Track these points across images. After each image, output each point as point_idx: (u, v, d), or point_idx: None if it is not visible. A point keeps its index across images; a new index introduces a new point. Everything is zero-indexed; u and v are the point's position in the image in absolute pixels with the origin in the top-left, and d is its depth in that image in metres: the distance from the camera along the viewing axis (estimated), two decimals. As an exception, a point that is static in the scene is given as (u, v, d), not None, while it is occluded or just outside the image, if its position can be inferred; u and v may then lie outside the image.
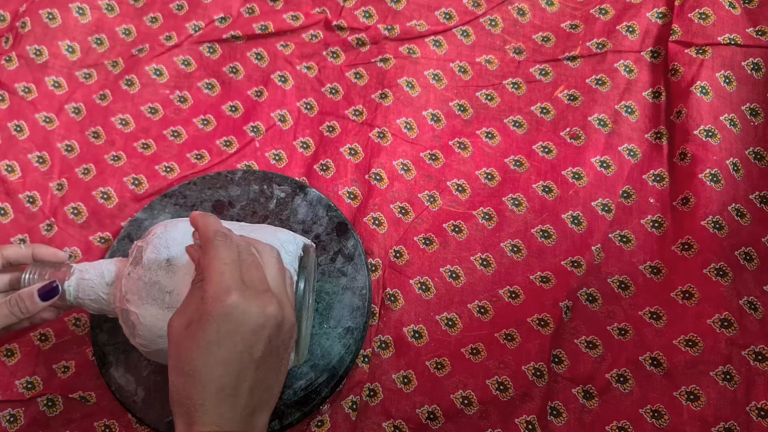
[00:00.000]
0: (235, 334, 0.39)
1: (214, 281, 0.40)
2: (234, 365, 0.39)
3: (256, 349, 0.40)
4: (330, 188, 0.65)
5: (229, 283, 0.40)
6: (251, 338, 0.40)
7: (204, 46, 0.72)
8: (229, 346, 0.39)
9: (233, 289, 0.40)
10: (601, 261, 0.62)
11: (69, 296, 0.52)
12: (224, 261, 0.41)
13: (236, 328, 0.39)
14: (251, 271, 0.42)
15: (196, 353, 0.39)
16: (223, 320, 0.39)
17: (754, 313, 0.57)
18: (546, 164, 0.65)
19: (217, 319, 0.39)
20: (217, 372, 0.39)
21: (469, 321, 0.60)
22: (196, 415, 0.39)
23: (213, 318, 0.39)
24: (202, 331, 0.39)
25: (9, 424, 0.59)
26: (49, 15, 0.72)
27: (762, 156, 0.63)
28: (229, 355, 0.39)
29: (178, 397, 0.40)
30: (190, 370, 0.39)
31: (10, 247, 0.54)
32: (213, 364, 0.39)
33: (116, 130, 0.70)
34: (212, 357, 0.39)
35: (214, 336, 0.39)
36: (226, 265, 0.41)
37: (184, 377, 0.40)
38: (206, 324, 0.39)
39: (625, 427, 0.56)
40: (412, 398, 0.58)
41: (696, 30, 0.66)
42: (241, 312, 0.39)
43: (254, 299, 0.40)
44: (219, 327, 0.39)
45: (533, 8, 0.72)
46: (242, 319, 0.39)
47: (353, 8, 0.72)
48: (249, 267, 0.42)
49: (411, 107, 0.69)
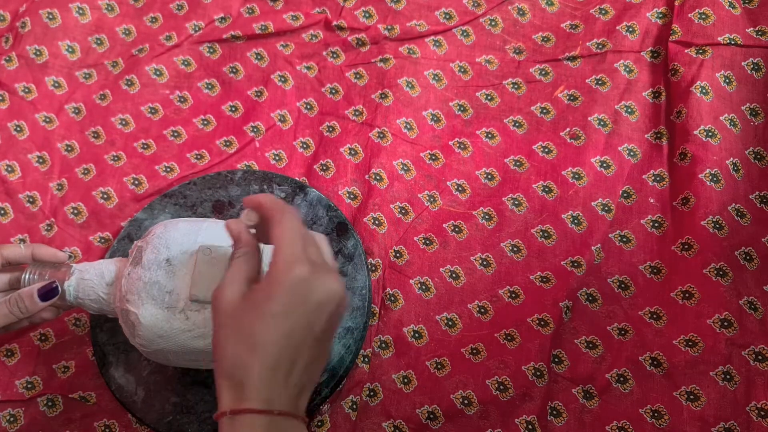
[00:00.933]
0: (302, 307, 0.39)
1: (286, 251, 0.40)
2: (296, 339, 0.39)
3: (318, 325, 0.40)
4: (330, 188, 0.65)
5: (300, 255, 0.40)
6: (315, 313, 0.40)
7: (204, 46, 0.72)
8: (294, 318, 0.39)
9: (304, 261, 0.40)
10: (601, 261, 0.62)
11: (69, 296, 0.52)
12: (296, 233, 0.41)
13: (303, 300, 0.39)
14: (312, 249, 0.42)
15: (258, 322, 0.39)
16: (292, 291, 0.39)
17: (754, 313, 0.57)
18: (546, 164, 0.65)
19: (287, 288, 0.39)
20: (279, 343, 0.39)
21: (469, 321, 0.60)
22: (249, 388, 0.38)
23: (282, 287, 0.39)
24: (270, 301, 0.39)
25: (9, 424, 0.59)
26: (49, 15, 0.72)
27: (762, 156, 0.63)
28: (293, 328, 0.39)
29: (232, 368, 0.39)
30: (251, 339, 0.39)
31: (10, 247, 0.54)
32: (276, 334, 0.39)
33: (116, 130, 0.70)
34: (276, 327, 0.39)
35: (282, 306, 0.39)
36: (297, 237, 0.41)
37: (244, 347, 0.39)
38: (274, 293, 0.39)
39: (625, 427, 0.56)
40: (412, 398, 0.58)
41: (696, 30, 0.66)
42: (310, 285, 0.39)
43: (322, 274, 0.40)
44: (287, 297, 0.39)
45: (533, 8, 0.72)
46: (309, 293, 0.39)
47: (353, 8, 0.72)
48: (310, 245, 0.42)
49: (411, 107, 0.69)
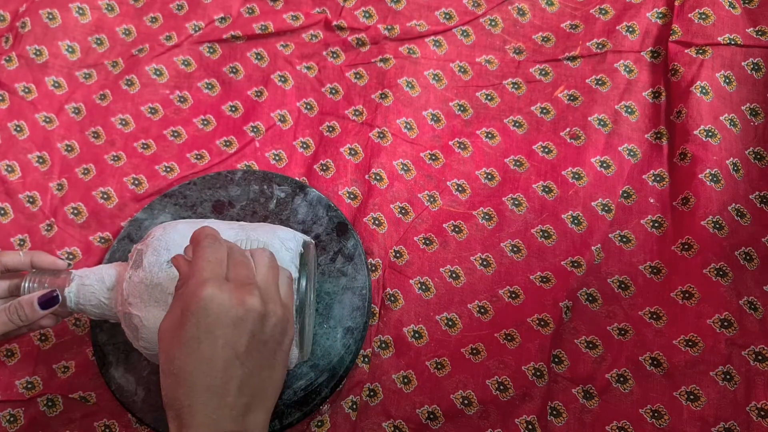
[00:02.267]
0: (215, 328, 0.39)
1: (194, 276, 0.40)
2: (218, 362, 0.39)
3: (239, 344, 0.39)
4: (330, 188, 0.65)
5: (207, 276, 0.40)
6: (232, 332, 0.39)
7: (204, 46, 0.72)
8: (210, 342, 0.39)
9: (209, 281, 0.39)
10: (601, 261, 0.62)
11: (70, 303, 0.52)
12: (208, 259, 0.41)
13: (215, 321, 0.39)
14: (238, 269, 0.42)
15: (179, 352, 0.39)
16: (201, 314, 0.39)
17: (754, 313, 0.57)
18: (546, 164, 0.65)
19: (195, 313, 0.39)
20: (201, 370, 0.39)
21: (469, 321, 0.60)
22: (186, 416, 0.38)
23: (191, 312, 0.39)
24: (183, 328, 0.39)
25: (9, 424, 0.59)
26: (49, 15, 0.72)
27: (762, 156, 0.63)
28: (211, 351, 0.39)
29: (168, 399, 0.39)
30: (176, 369, 0.39)
31: (9, 254, 0.54)
32: (196, 361, 0.39)
33: (116, 130, 0.70)
34: (195, 354, 0.39)
35: (194, 332, 0.39)
36: (209, 262, 0.41)
37: (171, 378, 0.39)
38: (186, 320, 0.39)
39: (625, 427, 0.56)
40: (412, 398, 0.58)
41: (696, 30, 0.66)
42: (218, 304, 0.39)
43: (232, 291, 0.40)
44: (198, 321, 0.39)
45: (533, 8, 0.72)
46: (219, 312, 0.39)
47: (353, 8, 0.72)
48: (237, 265, 0.42)
49: (411, 107, 0.69)
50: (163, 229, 0.52)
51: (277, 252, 0.51)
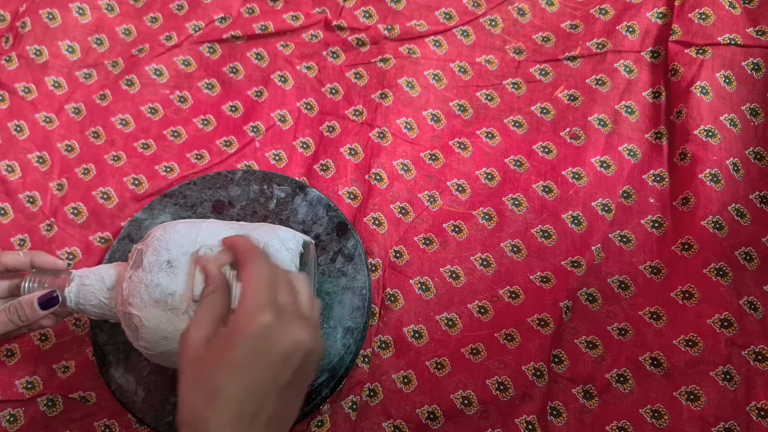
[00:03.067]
0: (265, 358, 0.37)
1: (251, 298, 0.38)
2: (258, 392, 0.37)
3: (282, 377, 0.38)
4: (330, 188, 0.65)
5: (266, 302, 0.38)
6: (280, 364, 0.38)
7: (204, 46, 0.72)
8: (257, 370, 0.37)
9: (269, 309, 0.38)
10: (601, 261, 0.62)
11: (70, 303, 0.52)
12: (264, 279, 0.39)
13: (267, 350, 0.37)
14: (285, 295, 0.40)
15: (219, 372, 0.37)
16: (254, 341, 0.37)
17: (754, 313, 0.57)
18: (546, 164, 0.65)
19: (249, 338, 0.37)
20: (239, 395, 0.37)
21: (469, 321, 0.60)
22: None
23: (244, 336, 0.37)
24: (230, 350, 0.37)
25: (9, 424, 0.59)
26: (49, 15, 0.72)
27: (762, 156, 0.63)
28: (255, 379, 0.37)
29: (191, 417, 0.37)
30: (211, 390, 0.37)
31: (9, 254, 0.53)
32: (237, 386, 0.37)
33: (116, 130, 0.70)
34: (237, 378, 0.37)
35: (243, 357, 0.37)
36: (265, 283, 0.39)
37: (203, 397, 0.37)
38: (236, 342, 0.37)
39: (625, 427, 0.56)
40: (412, 398, 0.58)
41: (696, 30, 0.66)
42: (274, 334, 0.38)
43: (288, 324, 0.38)
44: (249, 347, 0.37)
45: (533, 8, 0.72)
46: (274, 343, 0.38)
47: (353, 8, 0.72)
48: (285, 290, 0.40)
49: (411, 107, 0.69)
50: (163, 229, 0.52)
51: (277, 252, 0.50)
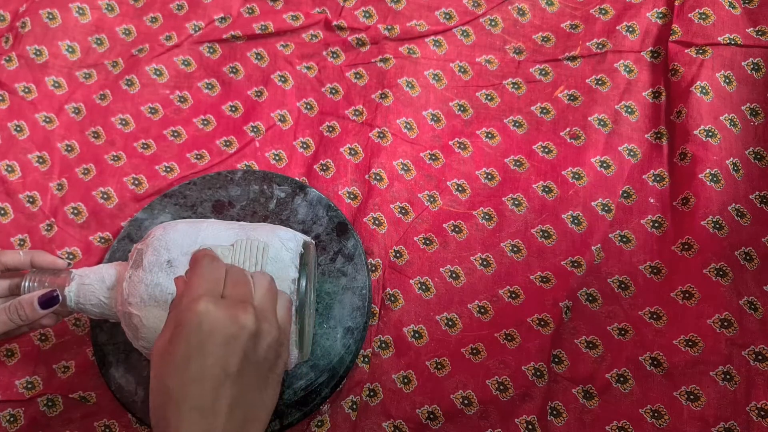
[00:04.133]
0: (206, 345, 0.38)
1: (187, 293, 0.39)
2: (207, 381, 0.37)
3: (230, 363, 0.38)
4: (330, 188, 0.65)
5: (200, 292, 0.39)
6: (223, 350, 0.38)
7: (204, 46, 0.72)
8: (200, 359, 0.37)
9: (203, 298, 0.38)
10: (601, 261, 0.62)
11: (70, 302, 0.52)
12: (204, 276, 0.40)
13: (206, 338, 0.38)
14: (236, 287, 0.41)
15: (168, 370, 0.38)
16: (193, 330, 0.38)
17: (754, 313, 0.57)
18: (546, 164, 0.65)
19: (187, 329, 0.38)
20: (190, 389, 0.37)
21: (469, 321, 0.60)
22: None
23: (183, 328, 0.38)
24: (173, 345, 0.38)
25: (9, 424, 0.59)
26: (49, 15, 0.72)
27: (762, 156, 0.63)
28: (201, 370, 0.37)
29: (156, 419, 0.38)
30: (165, 388, 0.38)
31: (9, 253, 0.53)
32: (185, 380, 0.37)
33: (116, 130, 0.70)
34: (184, 372, 0.37)
35: (185, 348, 0.38)
36: (205, 280, 0.40)
37: (160, 396, 0.38)
38: (177, 336, 0.38)
39: (625, 427, 0.56)
40: (412, 398, 0.58)
41: (696, 30, 0.66)
42: (211, 320, 0.38)
43: (225, 308, 0.39)
44: (189, 337, 0.38)
45: (533, 8, 0.72)
46: (212, 328, 0.38)
47: (353, 8, 0.72)
48: (235, 284, 0.41)
49: (411, 107, 0.69)
50: (164, 228, 0.52)
51: (277, 252, 0.51)
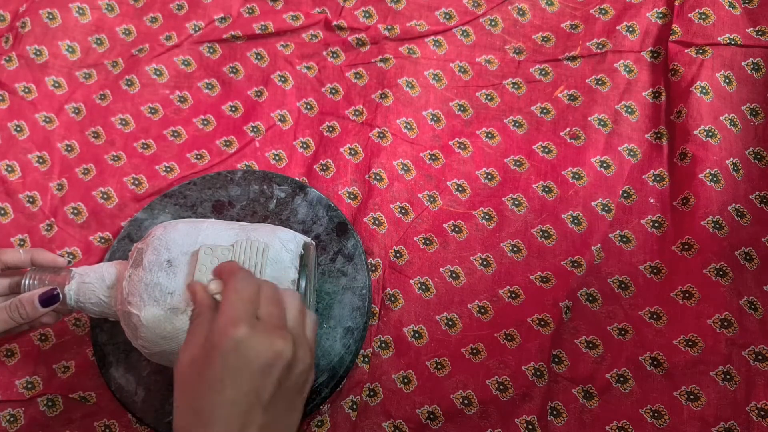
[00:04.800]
0: (242, 372, 0.37)
1: (225, 313, 0.38)
2: (240, 407, 0.37)
3: (265, 391, 0.38)
4: (330, 188, 0.65)
5: (240, 315, 0.38)
6: (259, 377, 0.37)
7: (204, 46, 0.72)
8: (235, 385, 0.37)
9: (242, 321, 0.38)
10: (601, 261, 0.62)
11: (70, 300, 0.52)
12: (240, 295, 0.40)
13: (243, 364, 0.37)
14: (269, 307, 0.40)
15: (200, 391, 0.37)
16: (229, 355, 0.37)
17: (754, 313, 0.57)
18: (546, 164, 0.65)
19: (224, 353, 0.37)
20: (222, 413, 0.37)
21: (469, 321, 0.60)
22: None
23: (219, 352, 0.37)
24: (208, 367, 0.37)
25: (9, 424, 0.59)
26: (49, 15, 0.72)
27: (762, 156, 0.63)
28: (235, 395, 0.37)
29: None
30: (195, 409, 0.37)
31: (9, 252, 0.53)
32: (218, 403, 0.37)
33: (116, 130, 0.70)
34: (218, 396, 0.37)
35: (220, 372, 0.37)
36: (241, 299, 0.39)
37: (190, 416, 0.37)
38: (212, 359, 0.37)
39: (625, 427, 0.56)
40: (412, 398, 0.58)
41: (696, 30, 0.66)
42: (249, 347, 0.37)
43: (264, 334, 0.38)
44: (226, 362, 0.37)
45: (533, 8, 0.72)
46: (249, 355, 0.37)
47: (353, 8, 0.72)
48: (268, 303, 0.40)
49: (411, 107, 0.69)
50: (164, 228, 0.52)
51: (277, 253, 0.51)
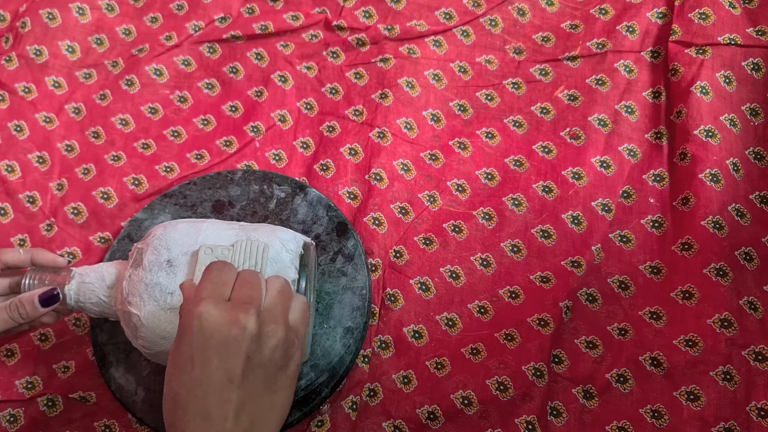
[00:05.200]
0: (207, 348, 0.37)
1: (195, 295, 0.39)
2: (211, 384, 0.37)
3: (234, 366, 0.37)
4: (330, 188, 0.65)
5: (204, 295, 0.39)
6: (224, 353, 0.37)
7: (204, 46, 0.72)
8: (203, 362, 0.37)
9: (204, 300, 0.38)
10: (601, 261, 0.62)
11: (70, 300, 0.52)
12: (211, 280, 0.40)
13: (207, 341, 0.37)
14: (242, 289, 0.40)
15: (173, 374, 0.38)
16: (194, 332, 0.38)
17: (754, 313, 0.57)
18: (546, 164, 0.65)
19: (188, 331, 0.38)
20: (194, 393, 0.37)
21: (469, 321, 0.60)
22: None
23: (185, 330, 0.38)
24: (177, 349, 0.38)
25: (9, 424, 0.59)
26: (49, 15, 0.72)
27: (762, 156, 0.63)
28: (204, 373, 0.37)
29: (168, 426, 0.38)
30: (173, 393, 0.38)
31: (9, 251, 0.53)
32: (190, 384, 0.37)
33: (116, 130, 0.70)
34: (188, 377, 0.37)
35: (188, 351, 0.37)
36: (212, 282, 0.40)
37: (169, 402, 0.38)
38: (180, 339, 0.38)
39: (625, 427, 0.56)
40: (412, 398, 0.58)
41: (696, 30, 0.66)
42: (210, 323, 0.37)
43: (225, 310, 0.38)
44: (191, 340, 0.38)
45: (533, 8, 0.72)
46: (212, 330, 0.37)
47: (353, 8, 0.72)
48: (242, 286, 0.40)
49: (411, 107, 0.69)
50: (164, 228, 0.52)
51: (277, 253, 0.51)
